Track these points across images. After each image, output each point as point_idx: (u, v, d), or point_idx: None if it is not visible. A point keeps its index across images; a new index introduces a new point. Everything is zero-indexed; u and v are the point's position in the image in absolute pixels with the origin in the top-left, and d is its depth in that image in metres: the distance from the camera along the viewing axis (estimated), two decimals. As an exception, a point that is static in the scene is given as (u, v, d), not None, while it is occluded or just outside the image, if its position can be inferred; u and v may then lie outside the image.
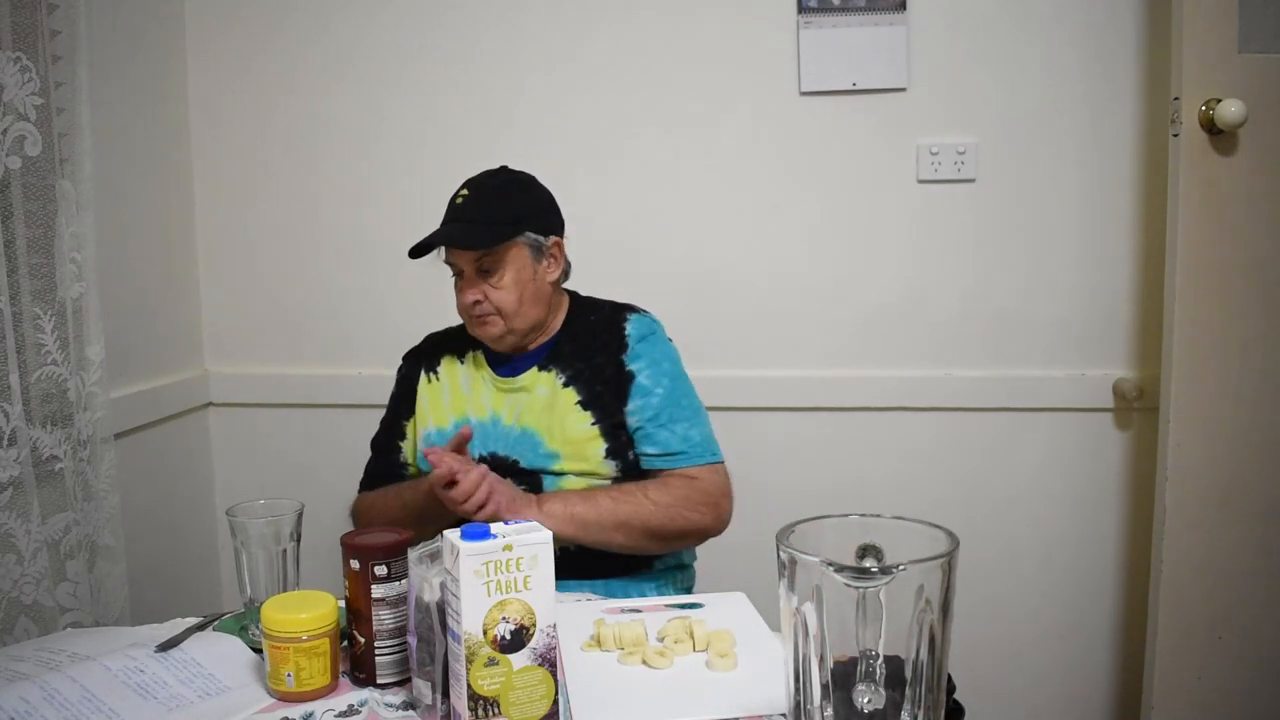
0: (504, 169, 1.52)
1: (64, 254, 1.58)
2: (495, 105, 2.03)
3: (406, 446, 1.58)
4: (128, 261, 1.89)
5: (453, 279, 1.50)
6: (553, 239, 1.50)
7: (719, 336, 2.01)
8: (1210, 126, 1.65)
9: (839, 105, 1.95)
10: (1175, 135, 1.67)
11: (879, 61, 1.92)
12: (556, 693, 0.88)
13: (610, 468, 1.45)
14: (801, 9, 1.92)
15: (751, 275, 2.01)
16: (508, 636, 0.86)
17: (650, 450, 1.46)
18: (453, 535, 0.86)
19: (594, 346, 1.50)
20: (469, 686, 0.85)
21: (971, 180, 1.93)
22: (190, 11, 2.08)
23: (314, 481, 2.03)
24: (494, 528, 0.87)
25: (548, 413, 1.47)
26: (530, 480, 1.46)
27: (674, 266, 2.01)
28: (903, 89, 1.93)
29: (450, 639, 0.87)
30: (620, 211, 2.02)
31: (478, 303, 1.44)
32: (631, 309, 1.56)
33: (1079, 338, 1.94)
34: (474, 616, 0.84)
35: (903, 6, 1.90)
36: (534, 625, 0.87)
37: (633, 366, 1.48)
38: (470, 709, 0.85)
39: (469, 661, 0.84)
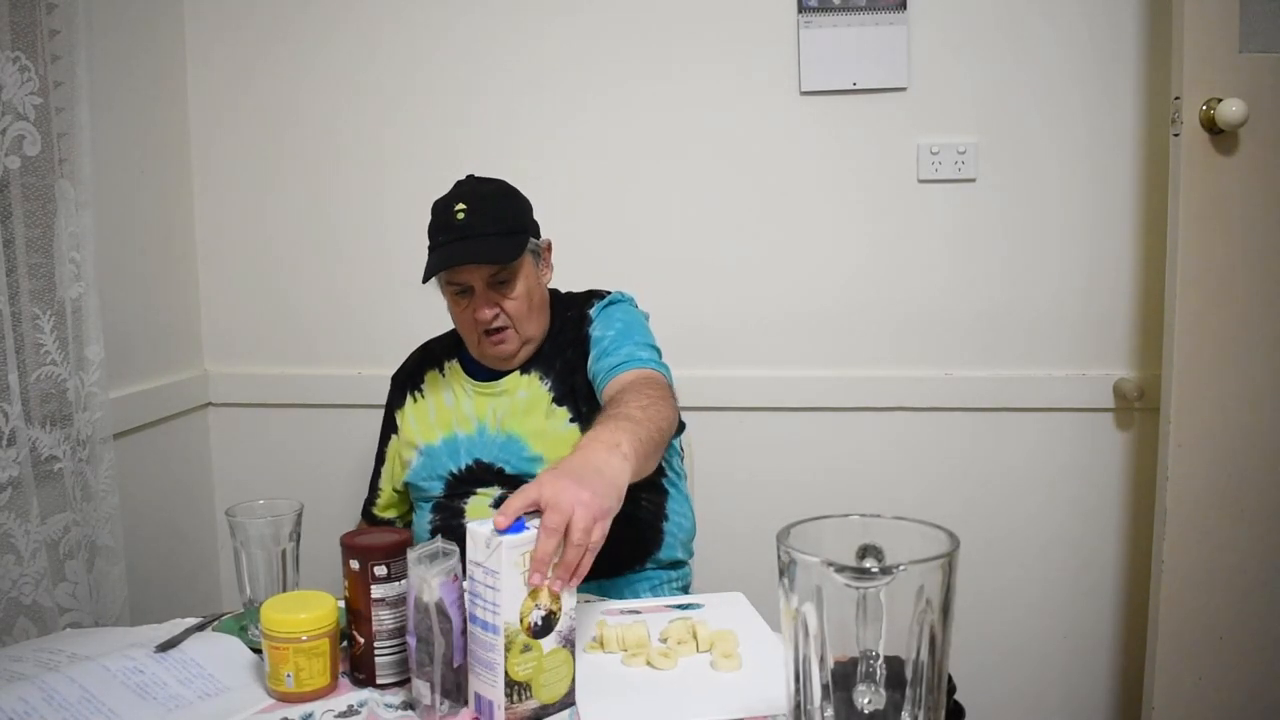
0: (472, 177, 1.50)
1: (63, 254, 1.58)
2: (495, 107, 2.03)
3: (385, 470, 1.59)
4: (127, 261, 1.89)
5: (451, 298, 1.46)
6: (545, 241, 1.50)
7: (717, 336, 2.01)
8: (1211, 126, 1.64)
9: (839, 105, 1.95)
10: (1176, 135, 1.67)
11: (879, 61, 1.92)
12: (574, 671, 0.94)
13: None
14: (801, 9, 1.92)
15: (751, 276, 2.00)
16: (540, 623, 0.90)
17: (601, 369, 1.34)
18: (484, 529, 0.90)
19: (566, 341, 1.49)
20: (507, 674, 0.89)
21: (972, 180, 1.93)
22: (190, 11, 2.08)
23: (313, 481, 2.04)
24: (527, 520, 0.92)
25: (527, 415, 1.46)
26: (514, 487, 1.44)
27: (672, 267, 2.00)
28: (903, 89, 1.93)
29: (481, 630, 0.90)
30: (618, 211, 2.02)
31: (495, 317, 1.41)
32: (598, 294, 1.54)
33: (1079, 338, 1.94)
34: (512, 606, 0.89)
35: (903, 6, 1.90)
36: (559, 610, 0.92)
37: (589, 331, 1.46)
38: (506, 694, 0.89)
39: (507, 650, 0.89)
